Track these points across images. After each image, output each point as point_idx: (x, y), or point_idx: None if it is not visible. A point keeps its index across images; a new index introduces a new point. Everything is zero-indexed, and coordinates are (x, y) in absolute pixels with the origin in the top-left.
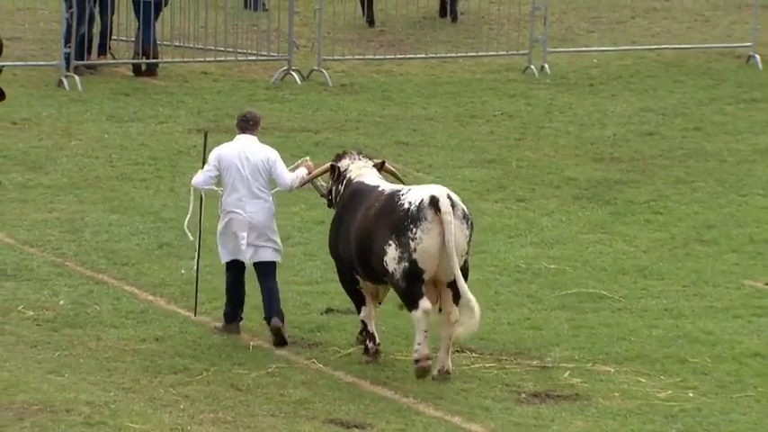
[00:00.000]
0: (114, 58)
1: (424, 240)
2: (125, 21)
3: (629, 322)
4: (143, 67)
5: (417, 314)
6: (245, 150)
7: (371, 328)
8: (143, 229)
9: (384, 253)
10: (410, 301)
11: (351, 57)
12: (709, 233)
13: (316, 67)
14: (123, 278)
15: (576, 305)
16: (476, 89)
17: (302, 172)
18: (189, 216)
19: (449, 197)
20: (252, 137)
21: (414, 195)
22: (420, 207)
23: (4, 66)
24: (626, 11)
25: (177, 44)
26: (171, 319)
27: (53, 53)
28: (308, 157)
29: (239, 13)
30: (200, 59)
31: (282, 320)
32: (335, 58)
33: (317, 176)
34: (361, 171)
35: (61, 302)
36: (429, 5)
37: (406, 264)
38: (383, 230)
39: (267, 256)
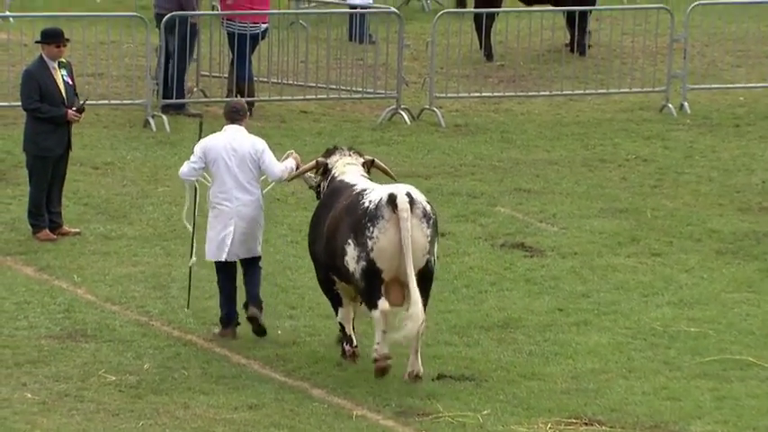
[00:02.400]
0: (206, 96)
1: (381, 240)
2: (218, 55)
3: None
4: None
5: (376, 314)
6: (231, 142)
7: (349, 330)
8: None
9: (344, 252)
10: (369, 301)
11: (466, 94)
12: None
13: (427, 106)
14: (213, 339)
15: (720, 373)
16: (606, 130)
17: (291, 164)
18: (186, 207)
19: (408, 195)
20: (240, 127)
21: (375, 194)
22: (378, 206)
23: (87, 102)
24: None
25: (275, 81)
26: (266, 384)
27: (139, 91)
28: (292, 151)
29: (343, 47)
30: (299, 97)
31: (260, 308)
32: (449, 95)
33: (304, 172)
34: (345, 168)
35: (146, 366)
36: (554, 38)
37: (364, 263)
38: (344, 229)
39: (254, 250)
